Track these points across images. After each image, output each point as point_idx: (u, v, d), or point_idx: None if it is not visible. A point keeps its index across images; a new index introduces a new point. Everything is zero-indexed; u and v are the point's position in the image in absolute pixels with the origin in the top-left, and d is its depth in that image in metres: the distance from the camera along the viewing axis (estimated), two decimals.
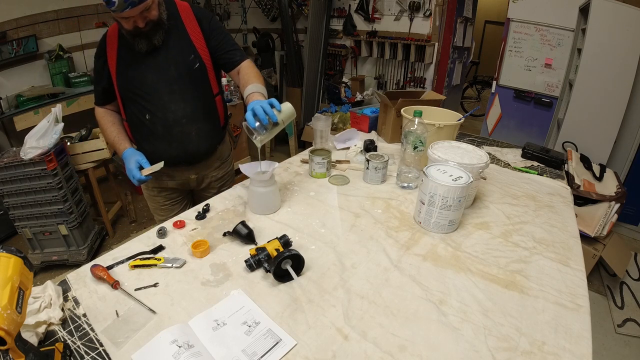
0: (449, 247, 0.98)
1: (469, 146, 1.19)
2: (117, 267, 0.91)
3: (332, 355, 0.68)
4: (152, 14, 1.09)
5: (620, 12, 2.26)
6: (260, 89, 1.15)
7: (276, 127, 1.03)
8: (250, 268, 0.88)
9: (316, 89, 4.20)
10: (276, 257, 0.83)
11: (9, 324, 0.52)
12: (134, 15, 1.04)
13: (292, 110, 1.06)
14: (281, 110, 1.02)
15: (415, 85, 3.72)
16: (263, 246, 0.90)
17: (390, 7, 3.60)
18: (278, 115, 1.01)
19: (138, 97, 1.22)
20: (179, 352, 0.65)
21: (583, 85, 2.46)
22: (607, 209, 2.05)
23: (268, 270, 0.85)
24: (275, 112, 1.00)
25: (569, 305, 0.79)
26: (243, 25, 4.69)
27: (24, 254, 0.60)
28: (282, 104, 1.04)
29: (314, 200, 1.22)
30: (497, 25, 6.28)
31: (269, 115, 0.99)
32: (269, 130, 1.02)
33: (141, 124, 1.26)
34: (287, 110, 1.04)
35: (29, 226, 2.14)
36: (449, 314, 0.76)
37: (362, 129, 1.85)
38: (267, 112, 0.99)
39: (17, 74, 2.86)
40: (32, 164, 1.98)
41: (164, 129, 1.25)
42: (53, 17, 3.01)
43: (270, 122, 1.01)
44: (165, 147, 1.28)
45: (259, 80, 1.19)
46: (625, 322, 1.96)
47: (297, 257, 0.85)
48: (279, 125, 1.03)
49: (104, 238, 2.61)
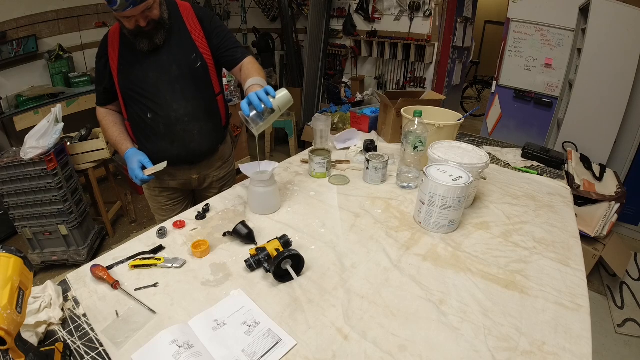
0: (449, 247, 0.98)
1: (469, 146, 1.19)
2: (117, 267, 0.91)
3: (332, 355, 0.68)
4: (153, 13, 1.09)
5: (620, 12, 2.26)
6: (260, 81, 1.14)
7: (273, 115, 1.02)
8: (250, 268, 0.88)
9: (316, 89, 4.20)
10: (276, 257, 0.83)
11: (9, 324, 0.52)
12: (136, 15, 1.05)
13: (289, 96, 1.03)
14: (276, 97, 1.01)
15: (415, 85, 3.72)
16: (263, 246, 0.90)
17: (390, 7, 3.60)
18: (273, 101, 0.99)
19: (140, 97, 1.22)
20: (179, 352, 0.65)
21: (583, 85, 2.45)
22: (607, 209, 2.05)
23: (268, 270, 0.85)
24: (270, 99, 0.99)
25: (569, 305, 0.79)
26: (243, 25, 4.70)
27: (24, 254, 0.60)
28: (278, 90, 1.03)
29: (314, 200, 1.22)
30: (497, 25, 6.27)
31: (264, 102, 0.98)
32: (266, 118, 1.01)
33: (143, 123, 1.26)
34: (283, 97, 1.02)
35: (29, 226, 2.14)
36: (449, 314, 0.76)
37: (362, 129, 1.85)
38: (261, 99, 0.98)
39: (17, 74, 2.86)
40: (32, 164, 1.98)
41: (166, 127, 1.25)
42: (53, 17, 3.01)
43: (267, 110, 0.99)
44: (167, 146, 1.28)
45: (260, 74, 1.19)
46: (625, 322, 1.95)
47: (297, 257, 0.85)
48: (276, 112, 1.02)
49: (104, 238, 2.61)
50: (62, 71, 3.03)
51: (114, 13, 1.04)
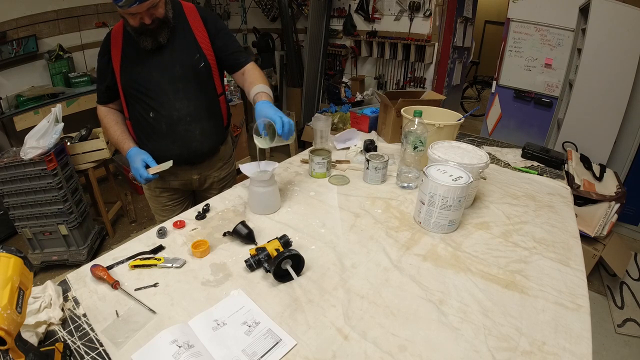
0: (449, 247, 0.98)
1: (469, 146, 1.19)
2: (117, 267, 0.91)
3: (332, 355, 0.68)
4: (158, 11, 1.09)
5: (620, 12, 2.26)
6: (267, 89, 1.20)
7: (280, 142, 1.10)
8: (250, 268, 0.88)
9: (316, 89, 4.20)
10: (276, 257, 0.83)
11: (9, 324, 0.52)
12: (141, 12, 1.05)
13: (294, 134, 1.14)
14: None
15: (415, 85, 3.72)
16: (263, 246, 0.90)
17: (390, 7, 3.60)
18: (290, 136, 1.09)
19: (142, 95, 1.22)
20: (179, 352, 0.65)
21: (583, 85, 2.46)
22: (607, 209, 2.05)
23: (268, 270, 0.85)
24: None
25: (569, 305, 0.79)
26: (243, 25, 4.69)
27: (24, 254, 0.60)
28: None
29: (314, 200, 1.22)
30: (497, 25, 6.27)
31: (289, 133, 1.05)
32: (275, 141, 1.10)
33: (145, 122, 1.26)
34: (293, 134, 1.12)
35: (29, 226, 2.14)
36: (449, 314, 0.76)
37: (362, 129, 1.85)
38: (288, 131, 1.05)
39: (17, 74, 2.86)
40: (32, 164, 1.98)
41: (168, 127, 1.25)
42: (53, 17, 3.01)
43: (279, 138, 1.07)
44: (168, 145, 1.28)
45: (264, 82, 1.24)
46: (625, 322, 1.96)
47: (297, 257, 0.85)
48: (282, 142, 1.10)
49: (104, 238, 2.61)
50: (62, 71, 3.03)
51: (118, 10, 1.04)
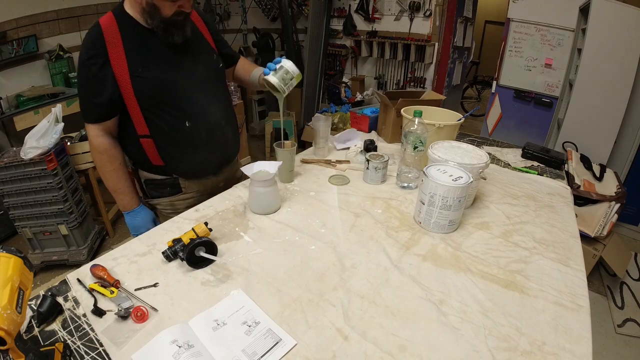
0: (449, 247, 0.98)
1: (469, 146, 1.19)
2: (117, 267, 0.90)
3: (332, 355, 0.68)
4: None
5: (620, 12, 2.26)
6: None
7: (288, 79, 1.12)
8: (167, 259, 0.90)
9: (316, 89, 4.20)
10: (187, 245, 0.87)
11: (9, 324, 0.52)
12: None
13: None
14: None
15: (415, 85, 3.72)
16: (179, 237, 0.92)
17: (390, 7, 3.60)
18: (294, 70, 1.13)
19: (173, 103, 1.07)
20: (179, 352, 0.65)
21: (583, 85, 2.46)
22: (607, 209, 2.05)
23: (183, 259, 0.88)
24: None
25: (569, 305, 0.79)
26: (243, 25, 4.70)
27: (24, 254, 0.60)
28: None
29: (314, 200, 1.22)
30: (497, 25, 6.27)
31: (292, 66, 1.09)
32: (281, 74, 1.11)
33: (178, 134, 1.10)
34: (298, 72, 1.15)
35: (29, 226, 2.14)
36: (449, 314, 0.76)
37: (362, 129, 1.85)
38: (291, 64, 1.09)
39: (17, 74, 2.86)
40: (32, 164, 1.98)
41: (207, 134, 1.14)
42: (53, 17, 3.01)
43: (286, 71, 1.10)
44: (207, 155, 1.16)
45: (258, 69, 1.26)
46: (625, 322, 1.96)
47: (209, 243, 0.88)
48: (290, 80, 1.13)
49: (104, 238, 2.61)
50: (62, 71, 3.03)
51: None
